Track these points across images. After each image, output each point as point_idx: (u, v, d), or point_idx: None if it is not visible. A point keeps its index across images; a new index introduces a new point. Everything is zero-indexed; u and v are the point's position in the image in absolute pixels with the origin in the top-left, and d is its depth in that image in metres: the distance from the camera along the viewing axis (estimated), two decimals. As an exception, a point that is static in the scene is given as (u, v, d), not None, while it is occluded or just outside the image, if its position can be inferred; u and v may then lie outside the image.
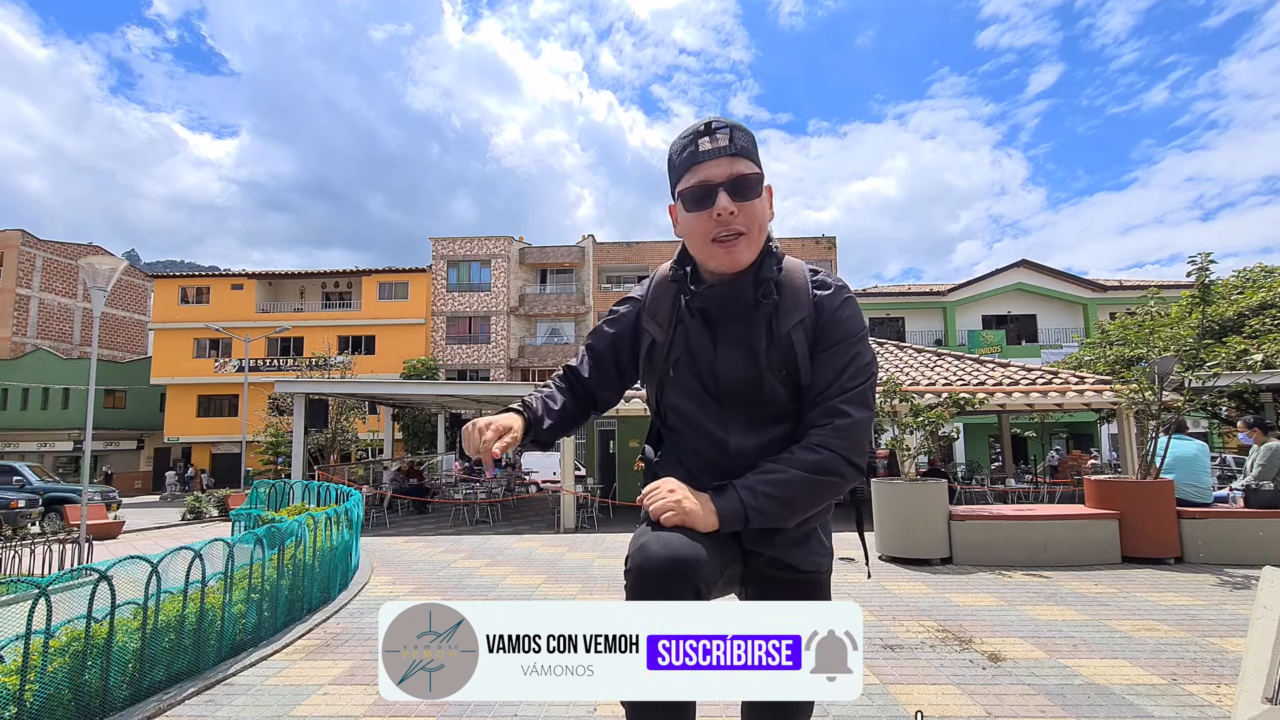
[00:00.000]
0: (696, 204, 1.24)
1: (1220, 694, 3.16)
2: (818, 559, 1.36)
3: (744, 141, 1.23)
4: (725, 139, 1.22)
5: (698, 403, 1.34)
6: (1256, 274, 15.09)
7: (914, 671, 3.59)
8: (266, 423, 23.22)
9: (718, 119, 1.24)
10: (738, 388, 1.30)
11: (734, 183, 1.21)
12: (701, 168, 1.22)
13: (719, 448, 1.32)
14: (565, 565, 7.25)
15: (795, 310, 1.29)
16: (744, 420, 1.31)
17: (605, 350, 1.47)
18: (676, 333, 1.36)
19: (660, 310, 1.39)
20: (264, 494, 10.35)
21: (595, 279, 33.05)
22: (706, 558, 1.13)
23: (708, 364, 1.32)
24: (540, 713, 3.13)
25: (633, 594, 1.12)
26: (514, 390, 15.71)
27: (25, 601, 2.95)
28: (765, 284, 1.28)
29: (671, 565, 1.10)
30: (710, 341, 1.32)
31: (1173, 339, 7.20)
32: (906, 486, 6.91)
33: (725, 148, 1.21)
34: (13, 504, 14.27)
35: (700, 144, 1.23)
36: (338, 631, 4.76)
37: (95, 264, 8.85)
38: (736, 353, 1.30)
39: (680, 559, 1.11)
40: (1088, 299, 29.86)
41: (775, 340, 1.28)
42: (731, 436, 1.31)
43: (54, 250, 34.96)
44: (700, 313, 1.33)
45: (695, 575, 1.10)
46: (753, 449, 1.30)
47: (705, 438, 1.34)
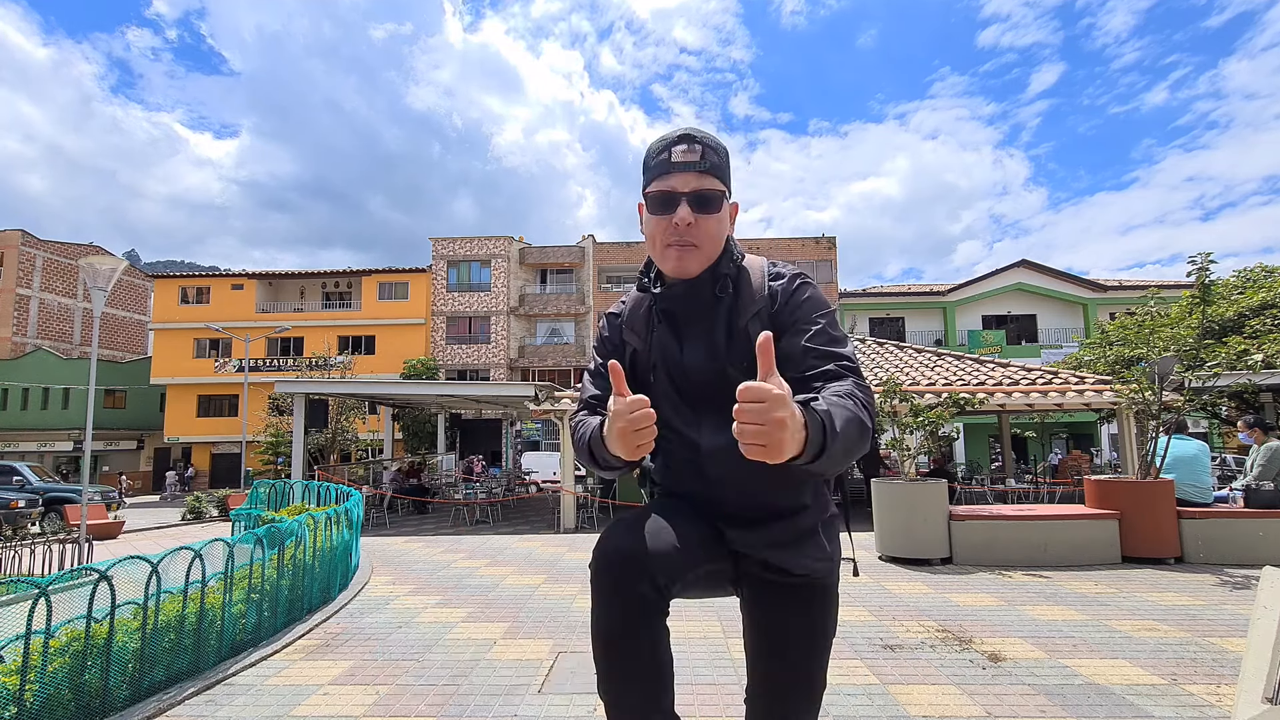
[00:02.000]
0: (660, 208, 1.29)
1: (1220, 694, 3.15)
2: (811, 563, 1.31)
3: (715, 159, 1.28)
4: (697, 154, 1.26)
5: (673, 406, 1.36)
6: (1257, 274, 15.10)
7: (914, 671, 3.59)
8: (266, 423, 23.22)
9: (696, 132, 1.29)
10: (704, 386, 1.32)
11: (697, 195, 1.26)
12: (670, 177, 1.27)
13: (692, 449, 1.33)
14: (565, 565, 7.25)
15: (752, 303, 1.32)
16: (714, 421, 1.30)
17: None
18: (653, 339, 1.39)
19: (636, 320, 1.43)
20: (264, 494, 10.36)
21: (595, 279, 33.05)
22: (672, 550, 1.14)
23: (676, 364, 1.35)
24: (540, 712, 3.14)
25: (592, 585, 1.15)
26: (514, 390, 15.70)
27: (25, 601, 2.95)
28: (722, 279, 1.32)
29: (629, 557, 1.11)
30: (676, 341, 1.35)
31: (1173, 339, 7.20)
32: (906, 486, 6.91)
33: (696, 163, 1.26)
34: (13, 504, 14.28)
35: (674, 153, 1.27)
36: (338, 631, 4.76)
37: (95, 264, 8.86)
38: (700, 350, 1.33)
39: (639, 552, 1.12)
40: (1088, 299, 29.88)
41: (734, 334, 1.30)
42: (704, 437, 1.31)
43: (54, 250, 34.97)
44: (665, 315, 1.37)
45: (653, 568, 1.11)
46: (724, 448, 1.24)
47: (682, 440, 1.35)
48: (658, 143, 1.30)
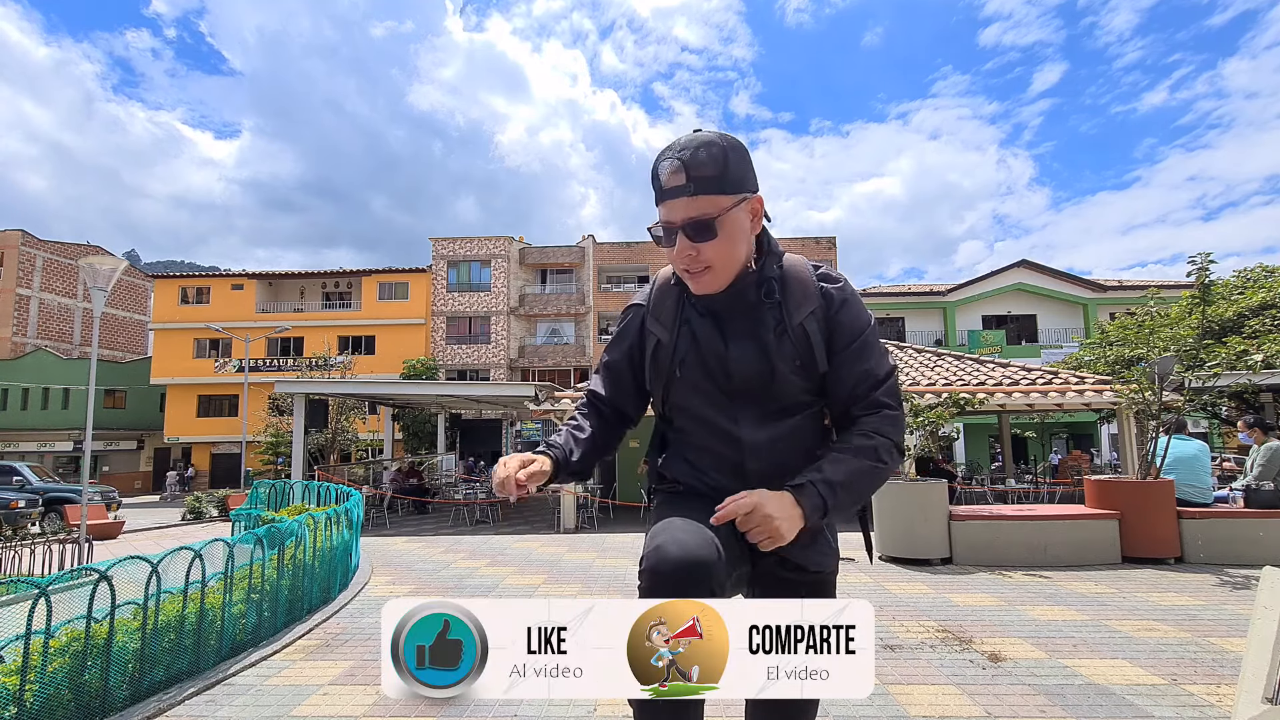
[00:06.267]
0: (664, 240, 1.29)
1: (1220, 694, 3.15)
2: (824, 559, 1.38)
3: (708, 172, 1.20)
4: (682, 178, 1.20)
5: (707, 399, 1.36)
6: (1257, 274, 15.11)
7: (914, 671, 3.59)
8: (266, 423, 23.22)
9: (685, 148, 1.21)
10: (750, 381, 1.33)
11: (691, 225, 1.22)
12: (664, 206, 1.25)
13: (732, 443, 1.35)
14: (566, 565, 7.25)
15: (805, 302, 1.33)
16: (754, 414, 1.34)
17: (621, 363, 1.49)
18: (681, 332, 1.38)
19: (664, 312, 1.41)
20: (264, 494, 10.36)
21: (595, 279, 33.04)
22: (721, 558, 1.14)
23: (719, 359, 1.34)
24: (540, 712, 3.13)
25: (646, 594, 1.12)
26: (514, 390, 15.70)
27: (25, 601, 2.95)
28: (767, 283, 1.32)
29: (687, 566, 1.10)
30: (720, 337, 1.35)
31: (1173, 339, 7.20)
32: (906, 486, 6.91)
33: (684, 187, 1.20)
34: (13, 504, 14.28)
35: (663, 178, 1.23)
36: (338, 632, 4.76)
37: (95, 264, 8.85)
38: (748, 347, 1.33)
39: (695, 560, 1.11)
40: (1088, 299, 29.87)
41: (788, 332, 1.31)
42: (744, 430, 1.33)
43: (54, 250, 34.98)
44: (709, 311, 1.36)
45: (710, 577, 1.10)
46: (766, 441, 1.33)
47: (716, 433, 1.36)
48: (656, 160, 1.27)
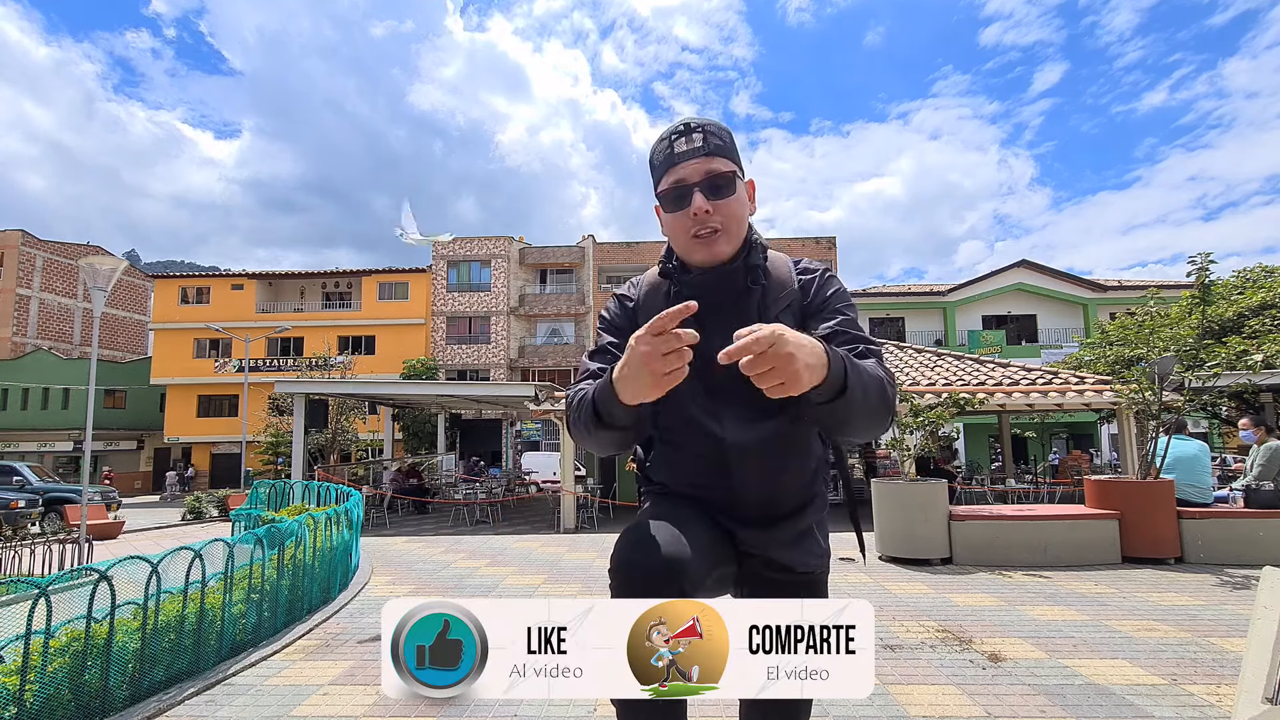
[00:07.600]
0: (675, 204, 1.27)
1: (1220, 694, 3.15)
2: (813, 560, 1.36)
3: (719, 140, 1.25)
4: (700, 139, 1.24)
5: (690, 397, 1.33)
6: (1257, 274, 15.10)
7: (914, 671, 3.59)
8: (266, 423, 23.22)
9: (693, 119, 1.27)
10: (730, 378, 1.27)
11: (709, 182, 1.24)
12: (678, 168, 1.25)
13: (715, 442, 1.31)
14: (566, 566, 7.25)
15: (782, 294, 1.33)
16: (737, 413, 1.30)
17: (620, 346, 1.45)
18: None
19: (652, 309, 1.38)
20: (264, 494, 10.36)
21: (595, 279, 33.03)
22: (692, 557, 1.12)
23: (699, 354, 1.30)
24: (540, 712, 3.13)
25: (617, 594, 1.11)
26: (514, 390, 15.70)
27: (25, 601, 2.95)
28: (754, 270, 1.31)
29: (655, 566, 1.09)
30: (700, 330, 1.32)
31: (1173, 339, 7.19)
32: (906, 486, 6.91)
33: (700, 148, 1.24)
34: (13, 504, 14.28)
35: (676, 145, 1.26)
36: (338, 632, 4.76)
37: (95, 264, 8.85)
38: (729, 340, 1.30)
39: (664, 559, 1.10)
40: (1088, 299, 29.87)
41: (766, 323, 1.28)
42: (727, 430, 1.30)
43: (54, 250, 34.96)
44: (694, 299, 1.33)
45: (680, 576, 1.09)
46: (750, 442, 1.29)
47: (699, 432, 1.33)
48: (659, 141, 1.29)
